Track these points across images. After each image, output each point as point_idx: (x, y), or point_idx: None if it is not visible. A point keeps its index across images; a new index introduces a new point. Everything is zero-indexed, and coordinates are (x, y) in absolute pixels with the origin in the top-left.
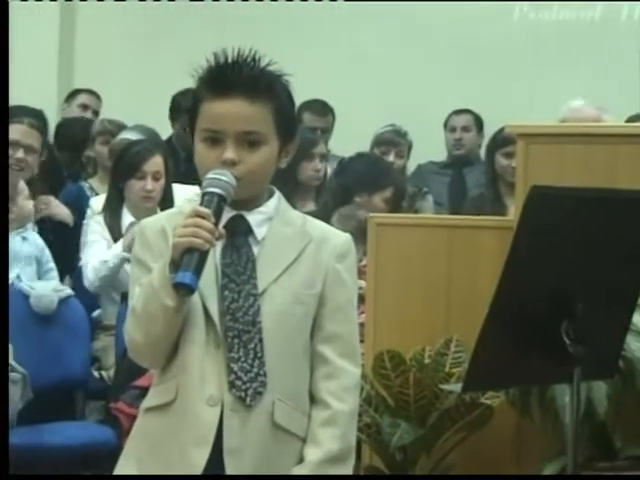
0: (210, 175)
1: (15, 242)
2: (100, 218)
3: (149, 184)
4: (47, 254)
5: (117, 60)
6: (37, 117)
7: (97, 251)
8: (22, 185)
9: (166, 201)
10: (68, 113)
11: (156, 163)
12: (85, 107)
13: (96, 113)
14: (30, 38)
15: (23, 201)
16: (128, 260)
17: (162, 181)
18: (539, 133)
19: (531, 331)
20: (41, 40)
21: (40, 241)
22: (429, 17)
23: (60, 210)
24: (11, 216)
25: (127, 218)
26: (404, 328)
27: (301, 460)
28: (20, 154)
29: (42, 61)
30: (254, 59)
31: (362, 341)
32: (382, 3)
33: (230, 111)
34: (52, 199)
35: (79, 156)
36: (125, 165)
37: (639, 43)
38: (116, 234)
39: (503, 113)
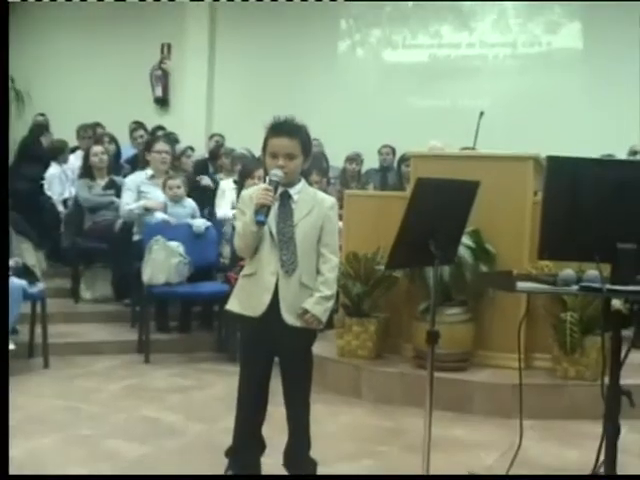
0: (272, 172)
1: (180, 210)
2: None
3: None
4: (196, 209)
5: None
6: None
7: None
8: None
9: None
10: (208, 144)
11: (260, 171)
12: (216, 141)
13: (219, 143)
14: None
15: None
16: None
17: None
18: (422, 155)
19: (416, 242)
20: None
21: (193, 204)
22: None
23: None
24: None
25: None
26: (359, 244)
27: None
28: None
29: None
30: (292, 118)
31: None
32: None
33: (281, 143)
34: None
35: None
36: (246, 171)
37: None
38: None
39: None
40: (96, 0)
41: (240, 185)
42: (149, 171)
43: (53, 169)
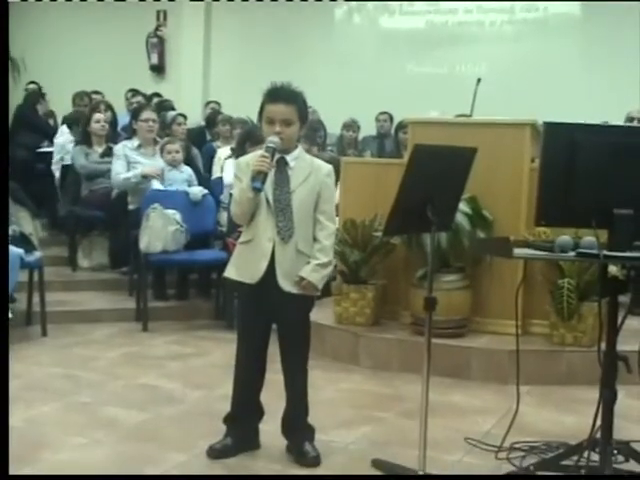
0: (269, 138)
1: (177, 174)
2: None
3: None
4: (194, 177)
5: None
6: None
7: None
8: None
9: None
10: (204, 112)
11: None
12: (212, 108)
13: (215, 110)
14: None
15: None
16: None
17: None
18: (420, 122)
19: (414, 209)
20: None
21: (190, 171)
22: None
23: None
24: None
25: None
26: (357, 211)
27: None
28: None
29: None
30: (289, 84)
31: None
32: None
33: (278, 109)
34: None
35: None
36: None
37: None
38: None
39: (403, 110)
40: None
41: (239, 151)
42: (135, 142)
43: (63, 137)
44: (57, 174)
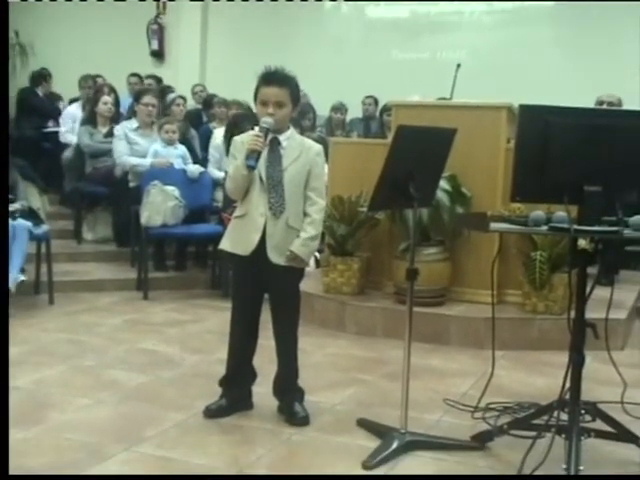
0: (263, 119)
1: (172, 150)
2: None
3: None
4: (188, 155)
5: (234, 63)
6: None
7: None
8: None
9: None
10: (194, 98)
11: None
12: (196, 93)
13: (201, 91)
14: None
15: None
16: None
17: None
18: (403, 104)
19: (397, 186)
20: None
21: (184, 149)
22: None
23: None
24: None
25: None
26: (344, 188)
27: None
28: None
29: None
30: (282, 69)
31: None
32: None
33: (271, 92)
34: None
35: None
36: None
37: None
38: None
39: (388, 94)
40: None
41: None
42: (134, 123)
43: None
44: (71, 139)
